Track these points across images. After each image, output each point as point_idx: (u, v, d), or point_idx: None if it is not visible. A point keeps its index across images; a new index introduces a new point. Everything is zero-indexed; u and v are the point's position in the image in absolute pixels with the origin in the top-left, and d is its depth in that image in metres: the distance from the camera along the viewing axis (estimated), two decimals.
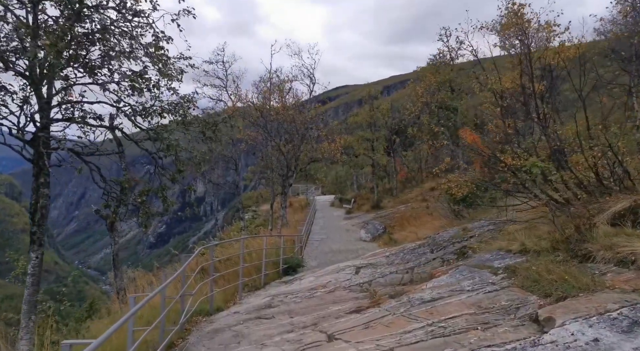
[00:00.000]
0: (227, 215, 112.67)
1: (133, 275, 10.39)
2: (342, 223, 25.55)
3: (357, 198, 32.57)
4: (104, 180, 6.31)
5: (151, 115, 6.96)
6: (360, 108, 29.59)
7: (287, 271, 13.29)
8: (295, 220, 26.70)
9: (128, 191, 6.36)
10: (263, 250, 11.73)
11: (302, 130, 19.66)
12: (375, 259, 10.77)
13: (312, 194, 40.20)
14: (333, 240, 19.86)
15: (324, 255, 16.54)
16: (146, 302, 4.14)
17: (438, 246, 9.97)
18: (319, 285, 9.33)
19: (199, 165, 7.42)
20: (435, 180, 29.21)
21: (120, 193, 6.36)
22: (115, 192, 6.43)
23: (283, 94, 20.50)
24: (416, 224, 19.15)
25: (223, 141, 14.34)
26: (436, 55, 21.67)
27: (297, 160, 19.95)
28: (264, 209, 35.45)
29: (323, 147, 19.81)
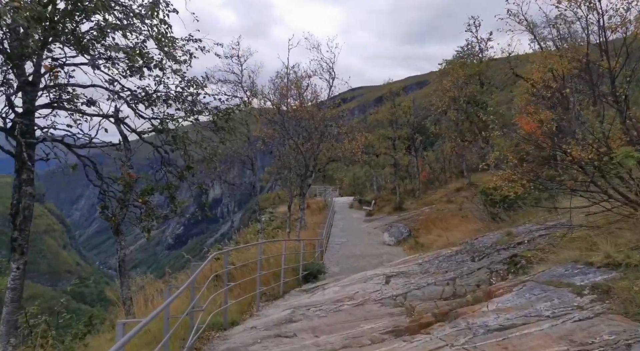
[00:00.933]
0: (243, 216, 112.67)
1: (142, 282, 9.53)
2: (362, 226, 24.43)
3: (378, 200, 31.38)
4: (100, 178, 5.45)
5: (155, 102, 6.05)
6: (380, 107, 28.40)
7: (308, 278, 12.29)
8: (314, 223, 25.71)
9: (128, 190, 5.49)
10: (282, 255, 10.74)
11: (321, 127, 18.64)
12: (407, 267, 9.66)
13: (330, 195, 39.15)
14: (354, 243, 18.77)
15: (346, 260, 15.48)
16: (137, 332, 3.17)
17: (480, 253, 8.81)
18: (345, 297, 8.28)
19: (210, 161, 6.49)
20: (461, 180, 27.85)
21: (120, 193, 5.50)
22: (114, 190, 5.56)
23: (301, 90, 19.52)
24: (443, 227, 17.92)
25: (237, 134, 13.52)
26: (464, 47, 20.43)
27: (315, 160, 18.93)
28: (281, 211, 34.55)
29: (343, 146, 18.74)
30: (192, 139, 6.27)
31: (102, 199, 5.44)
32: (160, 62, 5.85)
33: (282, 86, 18.53)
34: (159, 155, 6.26)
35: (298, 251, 12.72)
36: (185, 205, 8.23)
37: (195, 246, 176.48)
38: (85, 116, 5.28)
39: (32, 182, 4.80)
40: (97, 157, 6.09)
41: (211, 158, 6.47)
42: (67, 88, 5.18)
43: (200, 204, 6.83)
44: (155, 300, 9.35)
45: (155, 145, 6.23)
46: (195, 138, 6.24)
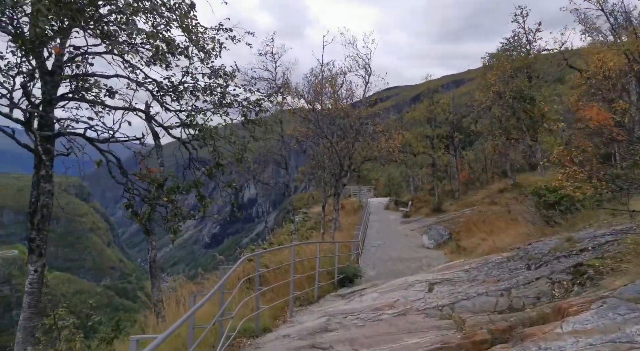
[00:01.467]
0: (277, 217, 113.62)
1: (173, 283, 9.28)
2: (399, 228, 23.57)
3: (415, 201, 30.34)
4: (125, 174, 5.12)
5: (182, 94, 5.68)
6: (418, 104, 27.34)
7: (343, 283, 11.71)
8: (348, 224, 25.09)
9: (157, 188, 5.14)
10: (316, 258, 10.22)
11: (356, 125, 18.02)
12: (452, 273, 8.89)
13: (365, 196, 38.37)
14: (392, 246, 18.01)
15: (383, 264, 14.78)
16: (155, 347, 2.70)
17: (536, 261, 7.92)
18: (385, 304, 7.65)
19: (240, 158, 6.05)
20: (504, 181, 26.37)
21: (144, 190, 5.15)
22: (138, 188, 5.21)
23: (335, 88, 18.96)
24: (487, 230, 16.83)
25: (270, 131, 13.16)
26: (509, 39, 19.14)
27: (350, 159, 18.31)
28: (315, 211, 34.14)
29: (379, 144, 18.02)
30: (221, 134, 5.86)
31: (127, 197, 5.13)
32: (186, 49, 5.45)
33: (317, 83, 18.05)
34: (187, 152, 5.90)
35: (333, 253, 12.17)
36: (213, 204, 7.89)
37: (231, 245, 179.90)
38: (107, 109, 4.96)
39: (50, 179, 4.48)
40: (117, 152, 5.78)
41: (241, 154, 6.04)
42: (88, 79, 4.87)
43: (233, 203, 6.41)
44: (187, 303, 9.07)
45: (183, 140, 5.86)
46: (224, 134, 5.82)
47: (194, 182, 5.31)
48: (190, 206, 7.02)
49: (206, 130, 5.60)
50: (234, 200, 6.27)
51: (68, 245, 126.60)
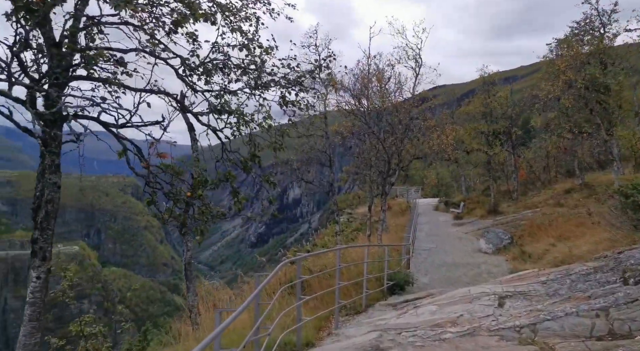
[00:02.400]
0: (321, 217, 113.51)
1: (211, 286, 8.66)
2: (451, 230, 21.99)
3: (467, 202, 28.46)
4: (147, 165, 4.46)
5: (211, 72, 4.93)
6: (472, 97, 25.40)
7: (393, 290, 10.67)
8: (396, 225, 23.84)
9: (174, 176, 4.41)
10: (364, 263, 9.25)
11: (405, 120, 16.80)
12: (525, 285, 7.60)
13: (412, 197, 36.77)
14: (445, 250, 16.62)
15: (437, 270, 13.52)
16: None
17: (635, 273, 6.48)
18: (447, 320, 6.55)
19: (278, 146, 5.22)
20: (570, 180, 23.99)
21: (168, 184, 4.46)
22: (160, 181, 4.52)
23: (382, 83, 17.84)
24: (556, 235, 15.05)
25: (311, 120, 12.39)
26: (580, 22, 17.02)
27: (399, 156, 17.11)
28: (360, 212, 33.07)
29: (431, 140, 16.69)
30: (257, 121, 5.08)
31: (149, 192, 4.46)
32: (213, 14, 4.67)
33: (363, 76, 17.03)
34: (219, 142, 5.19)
35: (382, 258, 11.14)
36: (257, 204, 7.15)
37: (276, 245, 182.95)
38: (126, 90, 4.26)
39: (57, 169, 3.85)
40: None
41: (279, 143, 5.22)
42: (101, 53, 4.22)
43: (269, 200, 5.59)
44: (228, 306, 8.41)
45: (213, 127, 5.14)
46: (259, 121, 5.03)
47: (224, 175, 4.55)
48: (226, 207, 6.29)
49: (240, 116, 4.84)
50: (271, 197, 5.45)
51: (125, 242, 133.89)
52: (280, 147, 5.22)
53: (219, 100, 4.81)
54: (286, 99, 5.20)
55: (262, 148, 5.17)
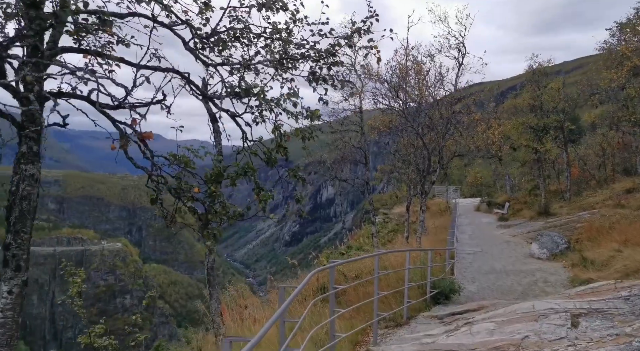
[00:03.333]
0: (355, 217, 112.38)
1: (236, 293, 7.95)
2: (497, 233, 20.44)
3: (512, 202, 26.62)
4: (150, 155, 3.70)
5: (226, 44, 4.11)
6: (520, 90, 23.54)
7: (437, 299, 9.60)
8: (435, 227, 22.51)
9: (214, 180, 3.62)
10: (405, 269, 8.26)
11: (447, 113, 15.55)
12: (601, 301, 6.38)
13: (451, 196, 35.07)
14: (492, 254, 15.26)
15: (484, 277, 12.27)
16: None
17: None
18: (509, 343, 5.48)
19: (308, 135, 4.36)
20: (631, 179, 21.79)
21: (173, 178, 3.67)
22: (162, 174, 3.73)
23: (422, 75, 16.64)
24: (620, 239, 13.39)
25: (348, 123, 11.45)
26: None
27: (440, 153, 15.87)
28: (397, 212, 31.82)
29: (476, 135, 15.34)
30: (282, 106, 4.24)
31: (152, 188, 3.71)
32: None
33: (401, 68, 15.91)
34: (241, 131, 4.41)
35: (424, 263, 10.08)
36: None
37: (310, 244, 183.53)
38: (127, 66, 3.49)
39: (35, 158, 3.12)
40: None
41: (310, 132, 4.36)
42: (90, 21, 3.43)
43: (295, 199, 4.74)
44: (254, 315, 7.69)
45: (233, 113, 4.34)
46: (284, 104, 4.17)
47: (243, 168, 3.75)
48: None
49: (263, 99, 4.01)
50: (299, 195, 4.59)
51: (164, 239, 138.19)
52: (310, 136, 4.38)
53: (238, 79, 4.02)
54: (316, 75, 4.31)
55: (289, 137, 4.33)
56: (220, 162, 3.79)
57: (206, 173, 3.72)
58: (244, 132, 4.42)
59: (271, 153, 4.38)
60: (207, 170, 3.69)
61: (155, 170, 3.57)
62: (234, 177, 3.76)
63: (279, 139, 4.61)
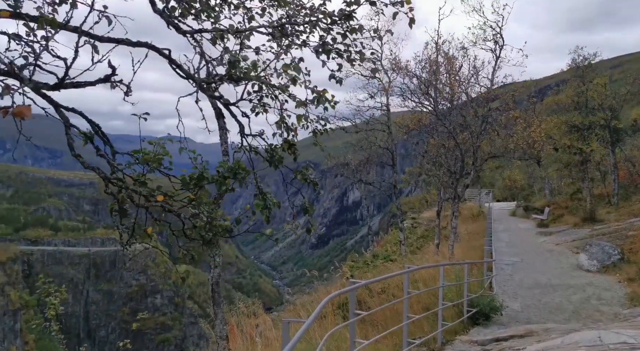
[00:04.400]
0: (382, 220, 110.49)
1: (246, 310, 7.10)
2: (537, 241, 18.86)
3: (552, 207, 24.77)
4: (111, 152, 2.81)
5: (211, 8, 3.17)
6: (563, 86, 21.75)
7: (476, 319, 8.45)
8: (468, 233, 21.09)
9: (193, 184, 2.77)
10: (439, 287, 7.18)
11: (483, 111, 14.28)
12: None
13: (484, 200, 33.31)
14: (534, 265, 13.87)
15: (528, 292, 10.97)
16: None
17: None
18: None
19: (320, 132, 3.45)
20: None
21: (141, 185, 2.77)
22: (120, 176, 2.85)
23: (454, 68, 15.42)
24: None
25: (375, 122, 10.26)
26: None
27: (475, 153, 14.60)
28: (426, 216, 30.42)
29: (516, 134, 13.98)
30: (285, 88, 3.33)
31: (114, 194, 2.86)
32: None
33: (432, 61, 14.75)
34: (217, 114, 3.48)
35: (460, 278, 8.95)
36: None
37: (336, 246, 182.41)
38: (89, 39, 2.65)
39: None
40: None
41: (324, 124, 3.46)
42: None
43: (304, 208, 3.80)
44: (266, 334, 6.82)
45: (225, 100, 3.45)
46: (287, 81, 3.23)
47: (231, 169, 2.85)
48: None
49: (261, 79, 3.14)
50: (307, 204, 3.65)
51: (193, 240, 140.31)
52: (323, 129, 3.46)
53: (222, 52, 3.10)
54: (327, 46, 3.36)
55: (297, 131, 3.43)
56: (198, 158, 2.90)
57: (183, 176, 2.85)
58: (241, 125, 3.55)
59: (274, 152, 3.49)
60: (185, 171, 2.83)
61: (115, 172, 2.75)
62: (220, 180, 2.90)
63: (287, 134, 3.71)
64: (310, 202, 3.70)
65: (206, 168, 2.88)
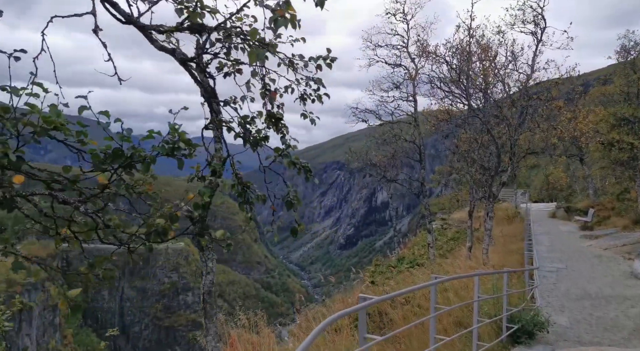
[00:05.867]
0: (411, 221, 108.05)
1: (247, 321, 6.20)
2: (582, 245, 17.13)
3: (597, 209, 22.74)
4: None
5: None
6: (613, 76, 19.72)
7: (517, 337, 7.24)
8: (503, 236, 19.56)
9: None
10: (474, 301, 6.05)
11: (522, 101, 12.87)
12: None
13: (521, 201, 31.32)
14: (580, 273, 12.36)
15: (576, 304, 9.59)
16: None
17: None
18: None
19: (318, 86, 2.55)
20: None
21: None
22: None
23: (489, 54, 14.05)
24: None
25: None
26: None
27: (513, 148, 13.20)
28: (457, 217, 28.82)
29: (560, 124, 12.48)
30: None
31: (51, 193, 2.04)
32: None
33: (464, 46, 13.44)
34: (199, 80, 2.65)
35: (498, 288, 7.75)
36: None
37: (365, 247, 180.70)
38: None
39: None
40: None
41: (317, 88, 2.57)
42: None
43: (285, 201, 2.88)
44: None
45: (181, 55, 2.58)
46: None
47: (166, 142, 1.94)
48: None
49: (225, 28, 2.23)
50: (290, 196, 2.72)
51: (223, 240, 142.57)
52: (315, 94, 2.53)
53: None
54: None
55: (276, 93, 2.54)
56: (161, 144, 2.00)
57: (93, 151, 1.94)
58: (205, 90, 2.63)
59: (247, 126, 2.56)
60: (98, 146, 1.94)
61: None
62: (150, 158, 2.01)
63: (270, 104, 2.77)
64: (296, 195, 2.76)
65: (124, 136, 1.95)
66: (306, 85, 2.65)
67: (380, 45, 13.95)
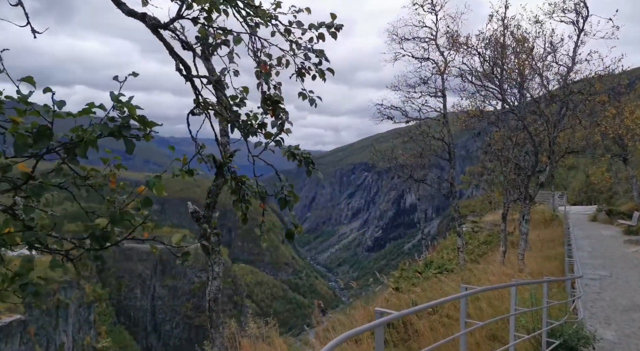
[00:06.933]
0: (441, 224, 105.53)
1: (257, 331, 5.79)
2: (626, 251, 15.86)
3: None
4: None
5: None
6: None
7: None
8: (540, 240, 18.41)
9: None
10: (510, 315, 5.40)
11: (562, 95, 11.92)
12: None
13: (559, 203, 29.67)
14: (626, 281, 11.31)
15: (624, 316, 8.68)
16: None
17: None
18: None
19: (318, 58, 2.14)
20: None
21: None
22: None
23: (525, 47, 13.15)
24: None
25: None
26: None
27: (552, 146, 12.25)
28: (489, 220, 27.60)
29: (604, 120, 11.47)
30: None
31: None
32: None
33: (499, 36, 12.59)
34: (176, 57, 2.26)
35: (537, 300, 7.02)
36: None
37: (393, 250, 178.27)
38: None
39: None
40: None
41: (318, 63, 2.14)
42: None
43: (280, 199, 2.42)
44: None
45: (154, 22, 2.20)
46: None
47: (111, 119, 1.54)
48: None
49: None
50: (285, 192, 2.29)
51: (251, 240, 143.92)
52: (318, 70, 2.10)
53: None
54: None
55: (266, 67, 2.12)
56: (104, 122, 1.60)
57: (14, 129, 1.53)
58: (187, 69, 2.21)
59: (236, 105, 2.14)
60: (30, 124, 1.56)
61: None
62: (88, 140, 1.59)
63: (265, 82, 2.33)
64: (292, 190, 2.30)
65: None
66: (305, 59, 2.21)
67: (407, 38, 13.33)
